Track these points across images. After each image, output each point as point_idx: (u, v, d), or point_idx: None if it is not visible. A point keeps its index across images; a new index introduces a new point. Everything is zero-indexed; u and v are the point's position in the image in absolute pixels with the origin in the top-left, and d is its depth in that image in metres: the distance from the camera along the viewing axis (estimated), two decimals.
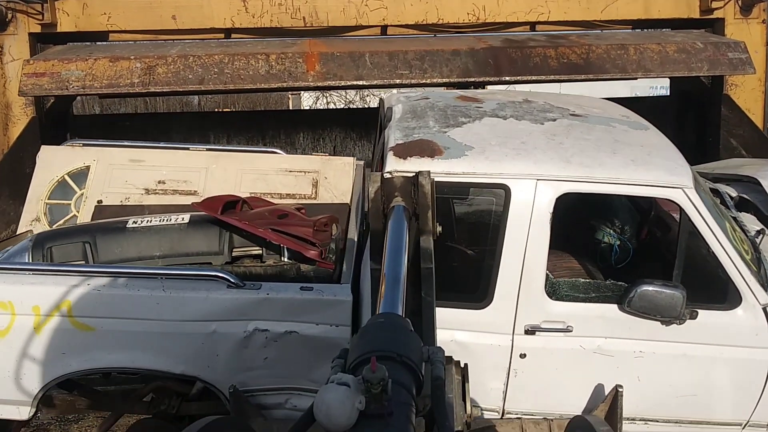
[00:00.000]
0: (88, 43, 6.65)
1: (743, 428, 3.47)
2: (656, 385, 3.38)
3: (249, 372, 3.44)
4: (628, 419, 3.41)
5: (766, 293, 3.30)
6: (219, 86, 5.77)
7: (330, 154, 5.98)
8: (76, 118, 7.76)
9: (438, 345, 2.19)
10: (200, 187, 4.73)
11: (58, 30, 6.36)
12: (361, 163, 4.92)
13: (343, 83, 5.83)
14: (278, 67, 5.69)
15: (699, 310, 3.26)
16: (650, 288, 3.18)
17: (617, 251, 4.16)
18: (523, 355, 3.36)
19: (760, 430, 3.46)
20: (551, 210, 3.25)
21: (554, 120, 3.68)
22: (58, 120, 6.71)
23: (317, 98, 14.48)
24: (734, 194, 4.35)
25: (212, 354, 3.38)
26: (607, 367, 3.35)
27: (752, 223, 4.02)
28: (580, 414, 3.31)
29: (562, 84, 9.10)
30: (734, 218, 3.95)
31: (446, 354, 2.04)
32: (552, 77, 5.96)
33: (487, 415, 3.46)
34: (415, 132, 3.52)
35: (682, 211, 3.26)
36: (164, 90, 6.09)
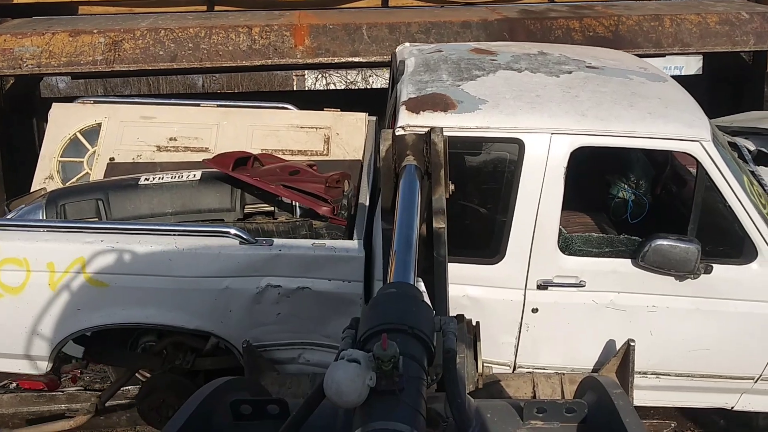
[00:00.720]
0: (51, 17, 5.95)
1: (755, 382, 3.47)
2: (668, 339, 3.38)
3: (262, 327, 3.47)
4: (639, 373, 3.42)
5: None
6: (194, 64, 5.21)
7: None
8: (45, 101, 6.63)
9: (450, 302, 2.21)
10: (211, 143, 4.70)
11: (16, 0, 5.75)
12: (374, 119, 4.86)
13: (336, 60, 5.23)
14: (262, 41, 5.13)
15: (714, 265, 3.23)
16: (664, 242, 3.15)
17: (632, 206, 4.11)
18: (535, 310, 3.36)
19: None
20: (566, 164, 3.20)
21: (570, 72, 3.60)
22: (21, 104, 6.03)
23: (316, 78, 13.76)
24: (753, 148, 4.27)
25: (225, 310, 3.41)
26: (620, 321, 3.35)
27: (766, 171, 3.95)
28: (591, 374, 3.32)
29: None
30: (752, 172, 3.89)
31: (459, 310, 2.04)
32: None
33: (498, 369, 3.48)
34: (428, 86, 3.46)
35: (699, 164, 3.20)
36: (131, 68, 5.37)
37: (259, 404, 1.52)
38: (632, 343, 3.19)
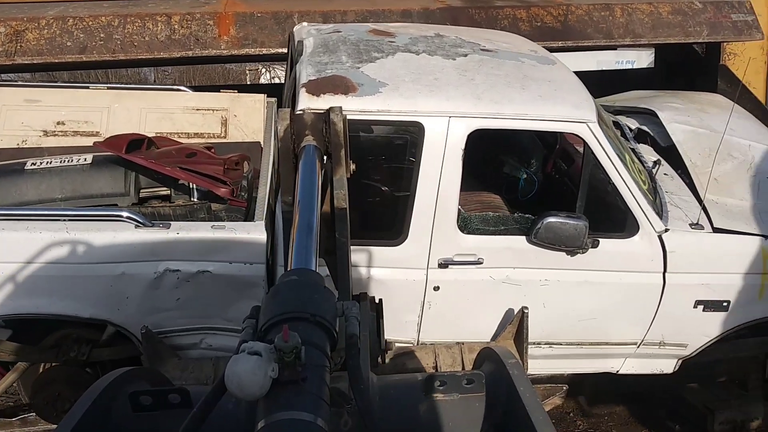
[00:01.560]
0: None
1: (638, 347, 3.73)
2: (560, 310, 3.57)
3: (161, 313, 3.38)
4: (534, 343, 3.61)
5: (661, 221, 3.51)
6: (106, 56, 4.79)
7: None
8: None
9: (354, 283, 2.22)
10: (102, 127, 4.50)
11: None
12: (273, 100, 4.80)
13: (265, 51, 4.85)
14: (182, 31, 4.75)
15: (600, 239, 3.44)
16: (555, 220, 3.32)
17: (524, 184, 4.30)
18: (436, 288, 3.46)
19: (653, 347, 3.73)
20: (463, 146, 3.30)
21: (465, 55, 3.69)
22: None
23: (260, 72, 13.12)
24: (634, 126, 4.54)
25: (122, 296, 3.29)
26: (515, 295, 3.50)
27: (649, 155, 4.22)
28: (487, 344, 3.47)
29: None
30: (633, 150, 4.14)
31: (362, 291, 2.06)
32: None
33: (402, 346, 3.56)
34: (327, 67, 3.45)
35: (585, 144, 3.38)
36: (35, 62, 4.87)
37: (159, 394, 1.47)
38: (526, 311, 3.36)
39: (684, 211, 3.67)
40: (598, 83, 6.96)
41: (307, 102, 3.15)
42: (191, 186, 3.78)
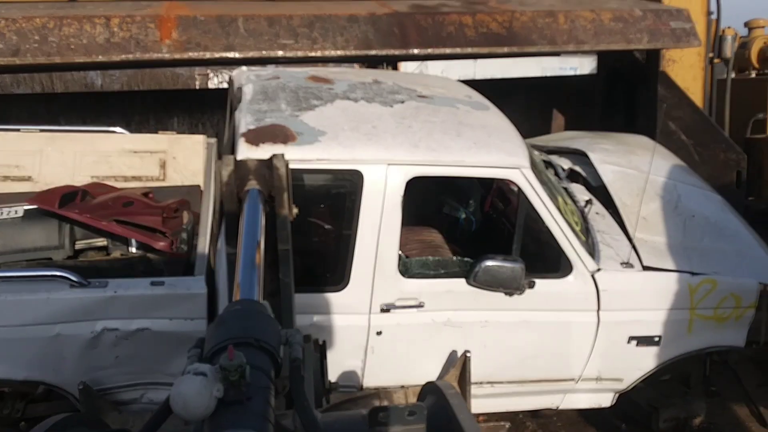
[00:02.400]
0: None
1: (576, 383, 3.84)
2: (500, 350, 3.65)
3: (100, 372, 3.31)
4: (476, 383, 3.66)
5: (594, 261, 3.64)
6: (40, 59, 4.55)
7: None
8: None
9: (297, 327, 2.26)
10: (34, 172, 4.37)
11: None
12: (213, 141, 4.76)
13: (208, 55, 4.65)
14: (122, 34, 4.52)
15: (536, 280, 3.54)
16: (493, 263, 3.40)
17: (462, 223, 4.40)
18: (379, 333, 3.49)
19: (591, 383, 3.85)
20: (402, 193, 3.36)
21: (402, 102, 3.77)
22: None
23: (208, 77, 12.79)
24: (566, 166, 4.70)
25: (58, 357, 3.21)
26: (457, 337, 3.57)
27: (581, 194, 4.37)
28: (430, 381, 3.51)
29: (478, 61, 8.29)
30: (566, 189, 4.29)
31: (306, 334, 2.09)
32: (469, 50, 5.03)
33: (346, 391, 3.57)
34: (266, 116, 3.47)
35: (519, 190, 3.49)
36: None
37: None
38: (468, 354, 3.42)
39: (615, 251, 3.82)
40: (544, 88, 7.35)
41: (246, 152, 3.16)
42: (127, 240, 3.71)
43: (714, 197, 4.59)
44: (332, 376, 3.59)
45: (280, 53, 4.68)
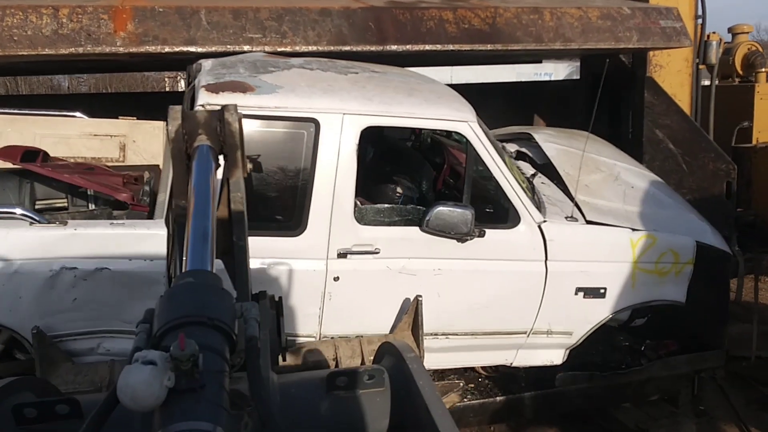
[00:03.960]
0: None
1: (528, 336, 3.96)
2: (454, 300, 3.77)
3: (56, 315, 3.31)
4: (430, 334, 3.76)
5: (540, 213, 3.83)
6: None
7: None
8: None
9: (255, 276, 2.11)
10: None
11: None
12: None
13: (168, 49, 4.28)
14: (72, 25, 4.16)
15: (486, 230, 3.70)
16: (444, 208, 3.57)
17: (416, 202, 4.56)
18: (336, 278, 3.58)
19: (542, 337, 3.97)
20: (357, 142, 3.53)
21: (356, 73, 3.99)
22: None
23: (175, 79, 12.40)
24: (513, 149, 4.96)
25: (15, 296, 3.21)
26: (412, 285, 3.67)
27: (527, 169, 4.61)
28: (387, 339, 3.59)
29: (454, 67, 8.23)
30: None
31: (264, 284, 2.01)
32: (450, 47, 4.72)
33: (303, 341, 3.63)
34: (226, 76, 3.63)
35: (467, 142, 3.70)
36: None
37: (45, 406, 1.37)
38: (420, 299, 3.53)
39: (560, 208, 4.03)
40: (523, 94, 7.22)
41: (206, 98, 3.30)
42: (90, 193, 3.78)
43: (651, 176, 4.88)
44: (289, 324, 3.66)
45: (246, 48, 4.36)
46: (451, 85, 4.35)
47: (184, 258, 1.71)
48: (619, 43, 5.09)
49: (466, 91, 4.45)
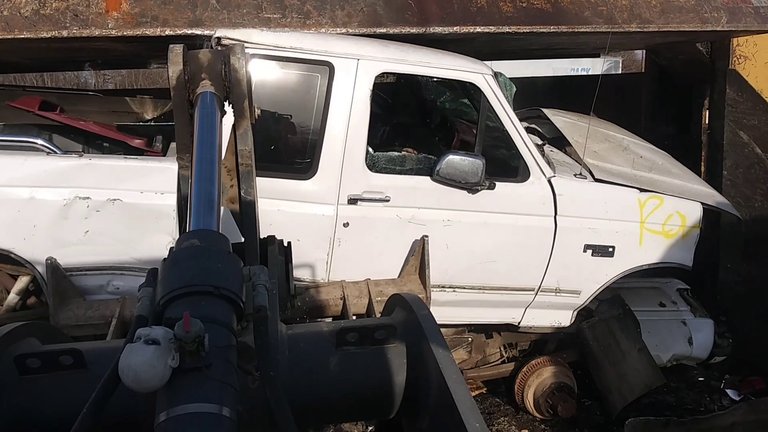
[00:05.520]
0: None
1: (536, 294, 3.96)
2: (462, 252, 3.77)
3: (69, 248, 3.33)
4: (438, 287, 3.77)
5: (550, 168, 3.85)
6: None
7: None
8: None
9: (264, 217, 2.04)
10: None
11: None
12: None
13: (169, 32, 3.73)
14: (56, 5, 3.67)
15: (496, 182, 3.72)
16: (456, 156, 3.60)
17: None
18: (346, 224, 3.60)
19: (550, 295, 3.97)
20: (371, 87, 3.57)
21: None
22: None
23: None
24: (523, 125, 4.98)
25: (29, 225, 3.24)
26: (420, 235, 3.68)
27: (536, 140, 4.63)
28: (398, 292, 3.60)
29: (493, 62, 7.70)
30: None
31: (273, 226, 1.92)
32: (506, 28, 4.12)
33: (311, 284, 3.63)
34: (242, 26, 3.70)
35: (482, 94, 3.72)
36: None
37: (48, 356, 1.32)
38: (426, 238, 3.55)
39: (569, 168, 4.05)
40: (576, 90, 5.92)
41: (223, 32, 3.35)
42: (105, 145, 3.82)
43: (661, 151, 4.90)
44: (297, 269, 3.66)
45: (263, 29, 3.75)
46: None
47: (188, 216, 1.62)
48: (706, 24, 4.39)
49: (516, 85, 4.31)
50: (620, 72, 6.71)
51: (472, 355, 4.21)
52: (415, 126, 5.10)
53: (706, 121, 5.22)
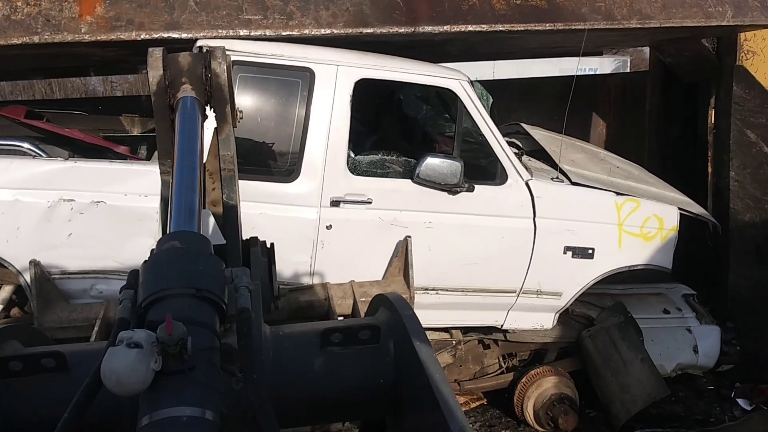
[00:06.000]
0: None
1: (517, 296, 4.00)
2: (444, 254, 3.83)
3: (52, 251, 3.35)
4: (421, 289, 3.80)
5: (528, 171, 3.94)
6: None
7: None
8: None
9: (247, 220, 2.05)
10: None
11: None
12: None
13: (144, 36, 3.58)
14: (27, 9, 3.55)
15: (475, 185, 3.80)
16: (435, 159, 3.69)
17: None
18: (329, 227, 3.65)
19: (531, 297, 4.01)
20: (351, 93, 3.67)
21: None
22: None
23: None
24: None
25: (13, 227, 3.27)
26: (403, 236, 3.74)
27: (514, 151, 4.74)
28: (381, 289, 3.65)
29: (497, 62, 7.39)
30: None
31: (256, 229, 1.98)
32: (499, 27, 3.95)
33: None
34: None
35: (458, 100, 3.83)
36: None
37: (31, 359, 1.31)
38: (409, 238, 3.60)
39: (547, 174, 4.15)
40: (581, 90, 5.46)
41: (204, 42, 3.44)
42: (90, 153, 3.88)
43: (636, 164, 5.04)
44: (280, 272, 3.68)
45: (242, 32, 3.69)
46: (493, 82, 4.17)
47: (169, 220, 1.61)
48: (710, 19, 4.21)
49: (511, 87, 4.24)
50: (629, 71, 6.62)
51: (470, 366, 4.21)
52: (398, 140, 5.21)
53: (712, 121, 5.11)
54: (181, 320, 1.11)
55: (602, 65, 8.35)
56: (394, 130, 5.19)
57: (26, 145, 3.35)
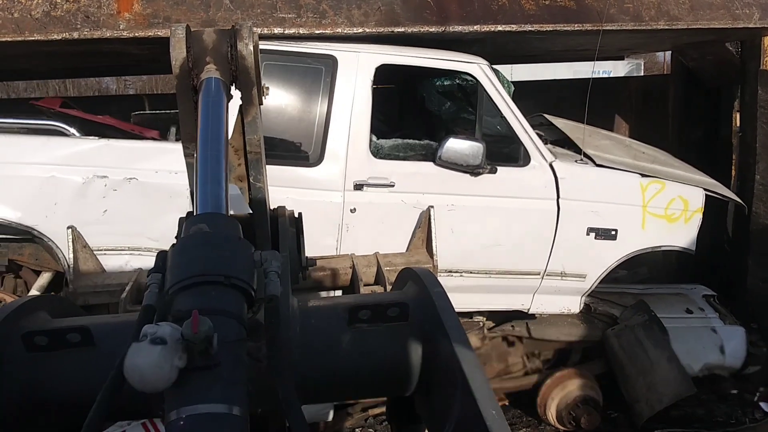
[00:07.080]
0: None
1: (542, 279, 4.01)
2: (467, 236, 3.86)
3: (88, 227, 3.48)
4: (445, 272, 3.84)
5: (551, 153, 3.98)
6: None
7: None
8: None
9: (270, 211, 1.96)
10: None
11: None
12: None
13: None
14: (66, 6, 3.64)
15: (498, 167, 3.85)
16: (456, 140, 3.74)
17: None
18: (353, 210, 3.72)
19: (556, 279, 4.01)
20: (372, 78, 3.76)
21: None
22: None
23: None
24: None
25: (50, 202, 3.41)
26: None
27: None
28: (403, 255, 3.70)
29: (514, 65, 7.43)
30: None
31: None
32: (528, 27, 4.05)
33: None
34: None
35: (478, 83, 3.89)
36: None
37: (56, 334, 1.30)
38: (432, 208, 3.67)
39: (570, 156, 4.17)
40: (601, 93, 5.54)
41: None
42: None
43: (662, 151, 5.02)
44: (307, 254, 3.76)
45: (276, 30, 3.77)
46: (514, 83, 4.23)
47: (194, 203, 1.54)
48: (737, 21, 4.24)
49: (529, 87, 4.28)
50: (642, 74, 6.61)
51: (494, 364, 4.22)
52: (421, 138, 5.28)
53: (737, 124, 5.10)
54: (208, 310, 1.11)
55: (616, 68, 8.27)
56: (417, 128, 5.27)
57: (63, 125, 3.51)
